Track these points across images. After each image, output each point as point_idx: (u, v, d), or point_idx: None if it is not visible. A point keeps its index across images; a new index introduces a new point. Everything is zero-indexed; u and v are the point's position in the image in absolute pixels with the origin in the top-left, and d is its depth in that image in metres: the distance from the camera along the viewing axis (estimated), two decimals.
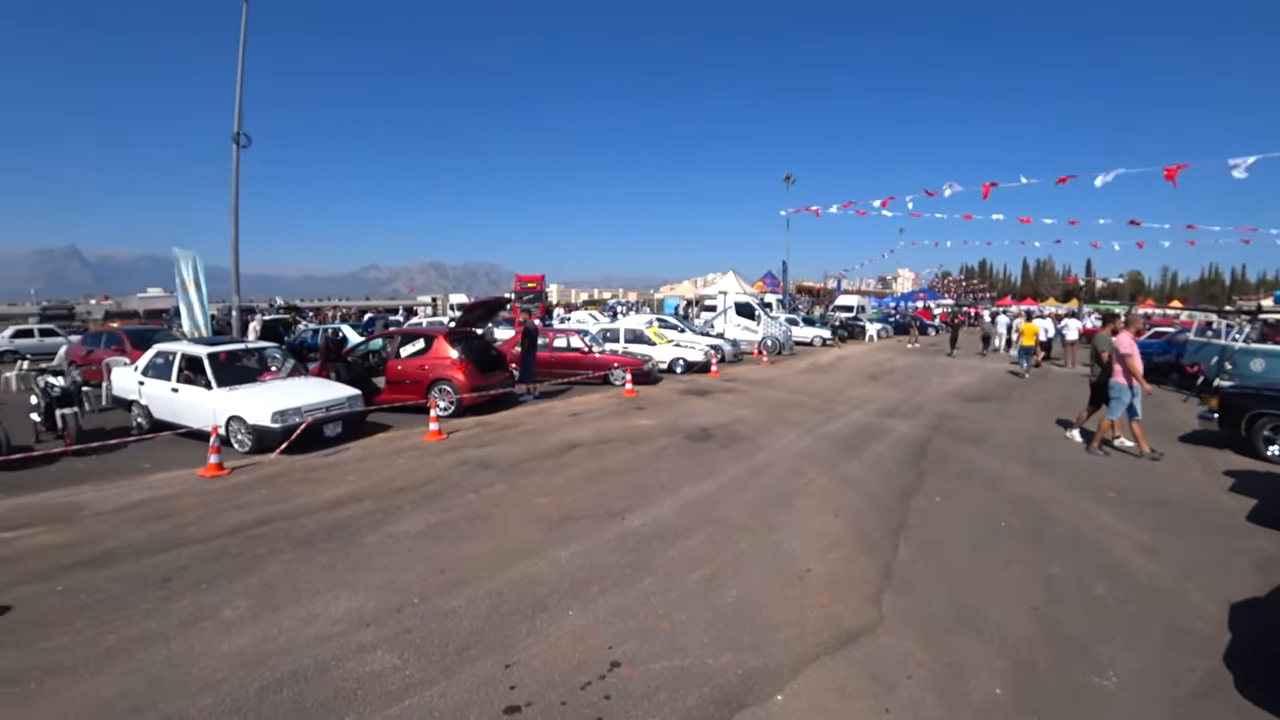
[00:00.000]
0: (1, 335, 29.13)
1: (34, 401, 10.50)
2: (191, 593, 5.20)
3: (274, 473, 8.70)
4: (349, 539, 6.32)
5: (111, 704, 3.86)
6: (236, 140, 19.08)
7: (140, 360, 11.62)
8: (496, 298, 20.92)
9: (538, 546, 6.12)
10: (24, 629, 4.69)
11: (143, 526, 6.56)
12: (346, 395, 10.79)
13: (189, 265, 18.02)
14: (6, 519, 6.88)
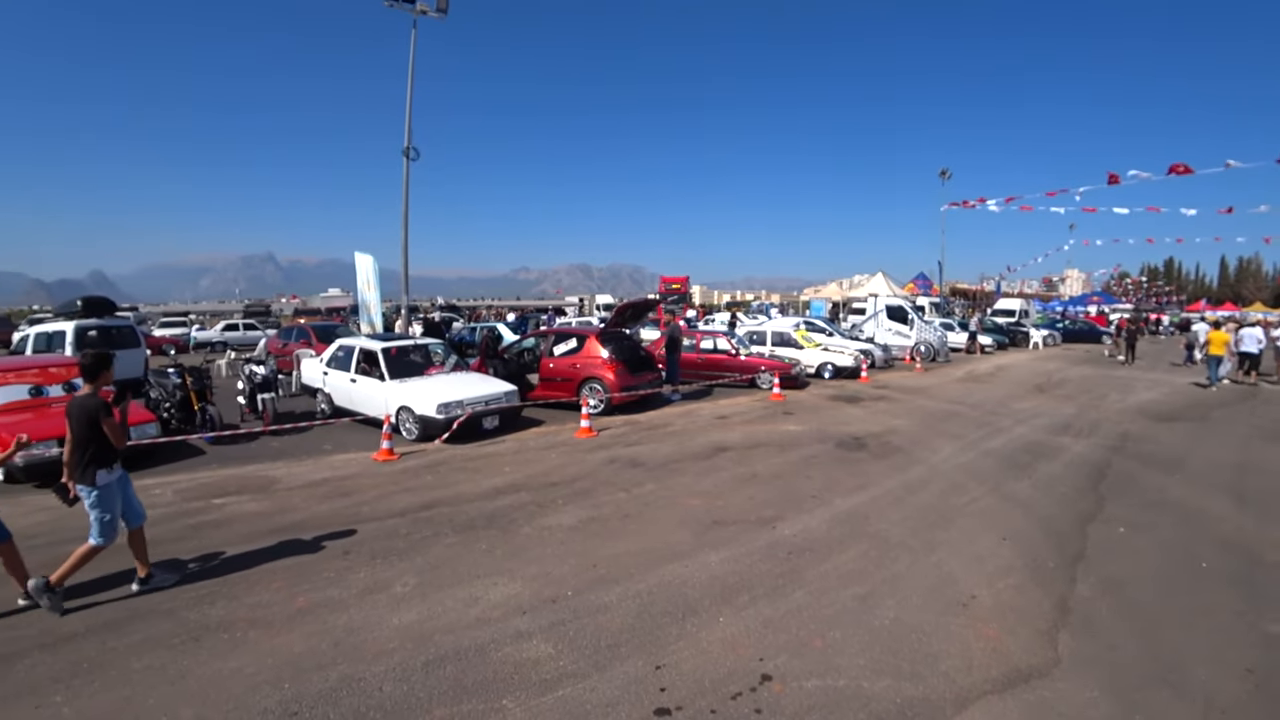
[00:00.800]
0: (214, 329, 34.02)
1: (240, 386, 12.04)
2: (367, 566, 5.70)
3: (437, 460, 9.35)
4: (506, 528, 6.65)
5: (301, 659, 4.30)
6: (406, 154, 20.89)
7: (324, 353, 12.98)
8: (646, 299, 21.31)
9: (687, 549, 6.11)
10: (232, 584, 5.38)
11: (326, 502, 7.29)
12: (504, 390, 11.40)
13: (367, 268, 19.90)
14: (219, 487, 7.93)
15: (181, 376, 10.81)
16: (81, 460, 5.01)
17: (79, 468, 5.01)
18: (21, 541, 6.49)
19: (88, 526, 5.13)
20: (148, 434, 9.16)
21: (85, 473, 5.02)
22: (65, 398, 9.48)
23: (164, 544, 6.11)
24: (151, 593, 5.27)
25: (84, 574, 5.30)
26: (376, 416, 10.72)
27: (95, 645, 4.51)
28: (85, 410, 4.96)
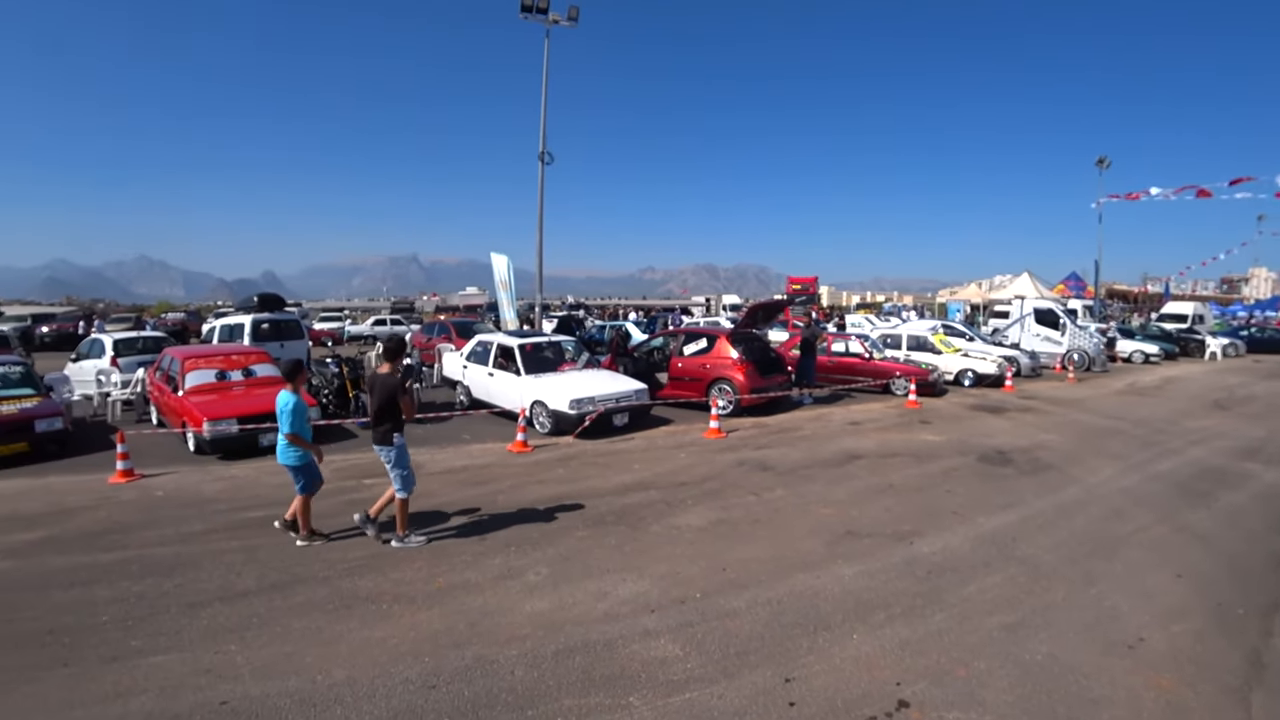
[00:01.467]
0: (364, 323, 37.11)
1: None
2: (502, 553, 5.97)
3: (569, 454, 9.65)
4: (636, 525, 6.74)
5: (439, 636, 4.56)
6: (542, 159, 21.77)
7: (464, 348, 13.76)
8: (777, 299, 20.94)
9: (819, 559, 5.93)
10: (380, 560, 5.82)
11: (464, 489, 7.73)
12: (634, 388, 11.59)
13: (503, 268, 20.91)
14: (369, 469, 8.62)
15: (339, 366, 11.83)
16: (383, 427, 6.01)
17: (383, 433, 6.01)
18: (204, 504, 7.37)
19: (267, 492, 5.71)
20: (310, 417, 10.08)
21: (386, 436, 6.02)
22: (245, 381, 10.69)
23: (322, 518, 6.70)
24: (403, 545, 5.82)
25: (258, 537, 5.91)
26: (512, 409, 11.21)
27: (264, 603, 5.03)
28: (387, 386, 6.00)
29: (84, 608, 5.02)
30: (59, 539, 6.45)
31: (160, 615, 4.88)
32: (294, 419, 5.98)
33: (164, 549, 6.10)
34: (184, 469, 8.93)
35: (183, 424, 9.83)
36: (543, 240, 22.63)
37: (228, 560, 5.81)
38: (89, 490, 8.03)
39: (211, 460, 9.36)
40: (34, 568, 5.79)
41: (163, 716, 3.74)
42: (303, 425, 6.14)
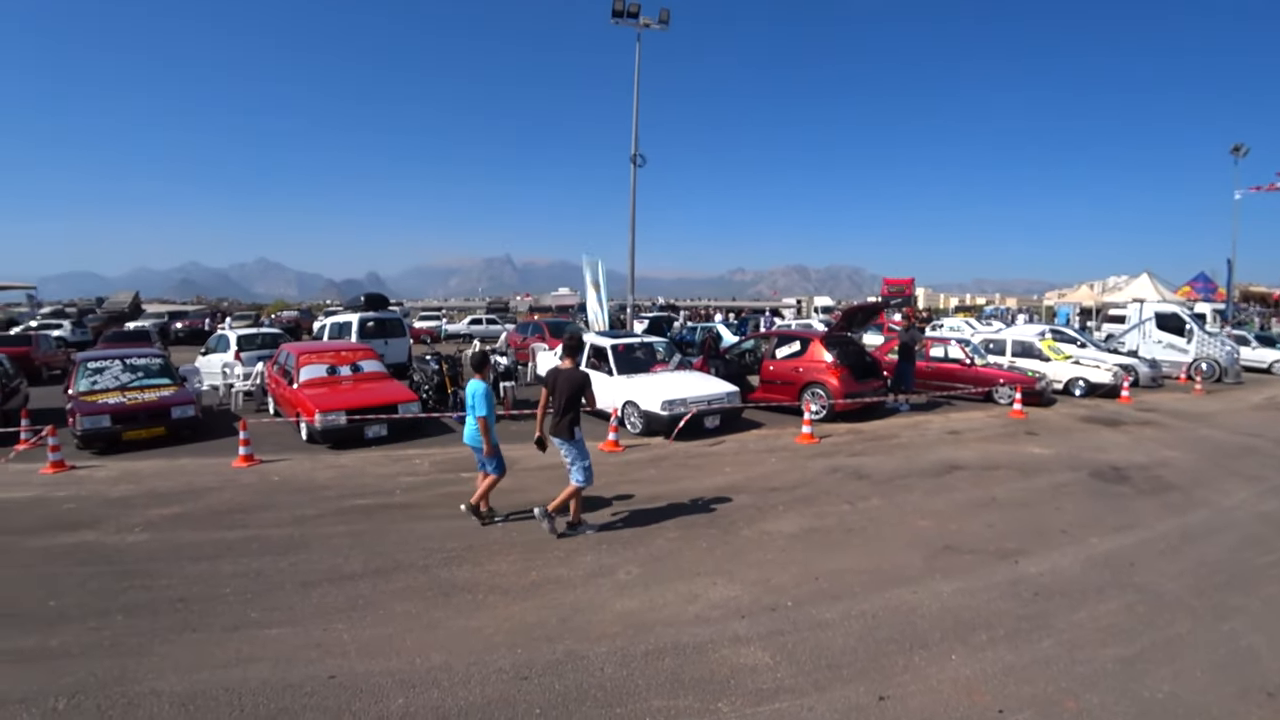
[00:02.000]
0: (461, 322, 38.59)
1: None
2: (594, 550, 6.07)
3: (660, 455, 9.70)
4: (727, 528, 6.70)
5: (533, 629, 4.68)
6: (634, 161, 21.98)
7: (557, 347, 14.04)
8: (874, 302, 20.30)
9: (916, 573, 5.71)
10: (476, 551, 6.04)
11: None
12: (726, 391, 11.52)
13: (594, 269, 21.24)
14: (468, 463, 8.89)
15: (439, 363, 12.36)
16: (566, 420, 6.36)
17: (565, 427, 6.37)
18: (316, 490, 7.85)
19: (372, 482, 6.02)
20: (412, 411, 10.64)
21: (568, 430, 6.36)
22: (353, 376, 11.38)
23: (420, 508, 7.03)
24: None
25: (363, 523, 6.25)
26: (604, 409, 11.38)
27: (369, 586, 5.32)
28: (573, 381, 6.38)
29: (210, 580, 5.48)
30: (189, 516, 7.08)
31: (276, 591, 5.25)
32: (487, 404, 6.46)
33: (280, 530, 6.57)
34: (297, 456, 9.59)
35: (296, 415, 10.57)
36: (635, 242, 22.87)
37: (336, 544, 6.19)
38: (215, 472, 8.77)
39: (321, 449, 10.00)
40: (168, 540, 6.38)
41: (277, 685, 4.01)
42: (491, 412, 6.56)
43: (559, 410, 6.40)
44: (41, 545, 6.39)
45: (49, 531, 6.75)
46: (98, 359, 11.80)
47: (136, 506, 7.45)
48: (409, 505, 7.27)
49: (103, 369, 11.47)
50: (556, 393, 6.43)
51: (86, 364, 11.58)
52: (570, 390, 6.36)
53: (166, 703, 3.90)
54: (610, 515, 7.05)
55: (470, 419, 6.55)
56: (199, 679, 4.11)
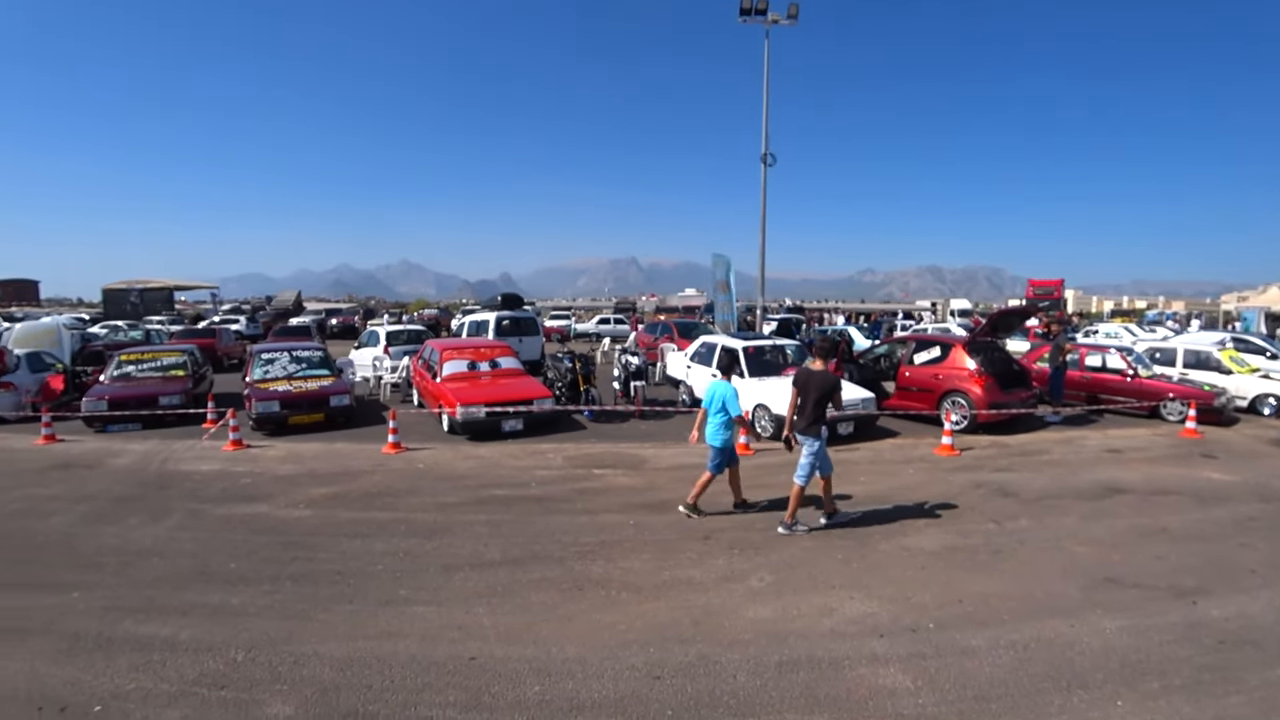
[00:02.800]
0: (590, 321, 39.58)
1: (615, 373, 13.74)
2: (726, 554, 6.02)
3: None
4: (863, 541, 6.45)
5: (665, 629, 4.70)
6: (764, 160, 21.65)
7: (688, 348, 14.11)
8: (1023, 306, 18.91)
9: (1074, 605, 5.21)
10: (609, 547, 6.15)
11: (689, 486, 7.87)
12: (861, 397, 11.11)
13: (724, 268, 21.09)
14: (598, 459, 9.18)
15: (572, 361, 12.74)
16: (812, 420, 6.55)
17: (811, 425, 6.56)
18: (457, 478, 8.27)
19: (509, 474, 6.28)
20: (546, 406, 11.05)
21: (813, 429, 6.55)
22: (492, 372, 11.99)
23: (555, 501, 7.26)
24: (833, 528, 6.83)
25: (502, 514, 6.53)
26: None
27: (507, 574, 5.56)
28: (825, 384, 6.58)
29: (364, 557, 5.93)
30: (345, 496, 7.71)
31: (422, 572, 5.60)
32: (739, 405, 6.82)
33: (425, 515, 7.01)
34: (439, 446, 10.19)
35: (439, 406, 11.25)
36: (765, 242, 22.56)
37: (476, 531, 6.52)
38: (367, 457, 9.50)
39: (461, 440, 10.57)
40: (327, 518, 6.98)
41: (424, 660, 4.27)
42: (739, 411, 6.90)
43: (808, 410, 6.56)
44: (224, 514, 7.21)
45: (230, 502, 7.60)
46: (269, 351, 13.14)
47: (300, 484, 8.22)
48: (544, 498, 7.53)
49: (273, 360, 12.76)
50: (807, 393, 6.59)
51: (260, 355, 12.95)
52: (821, 392, 6.54)
53: (327, 665, 4.25)
54: (741, 519, 6.97)
55: (714, 419, 6.88)
56: (354, 647, 4.45)
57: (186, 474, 8.94)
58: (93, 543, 6.54)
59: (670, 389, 14.67)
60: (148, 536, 6.65)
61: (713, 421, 6.94)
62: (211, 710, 3.86)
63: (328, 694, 3.97)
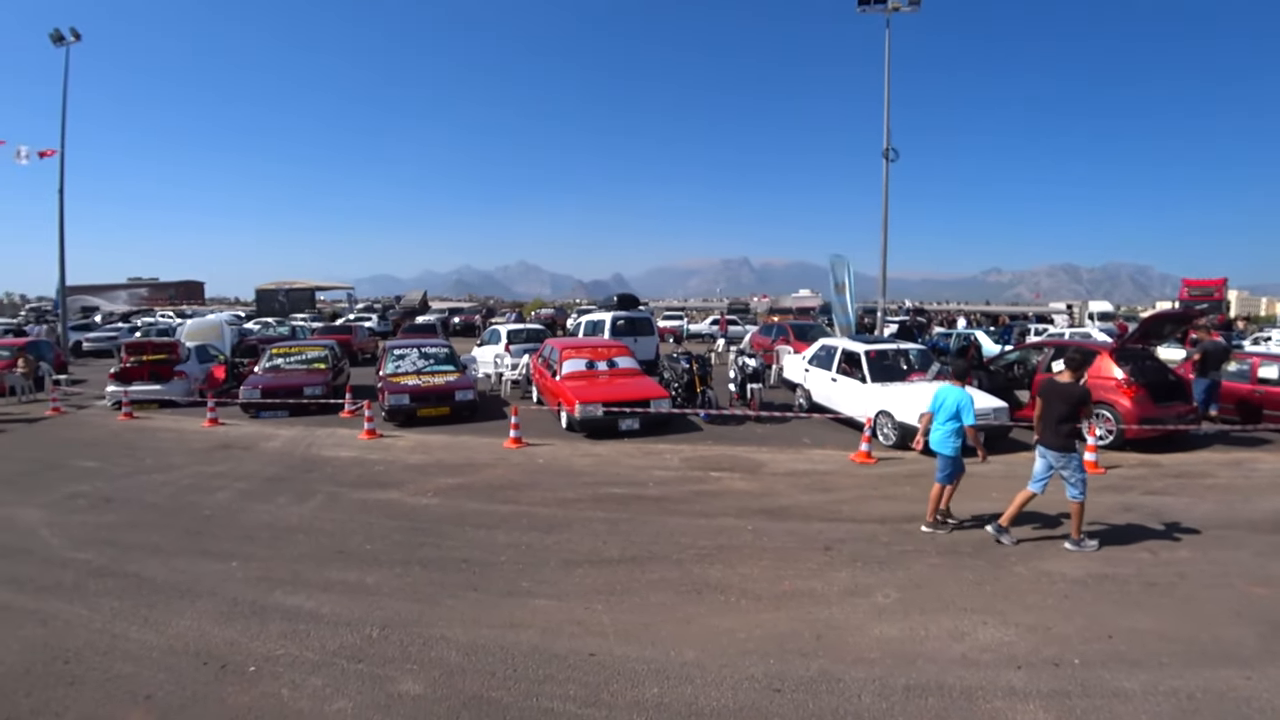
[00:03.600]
0: (703, 322, 39.43)
1: (731, 375, 13.62)
2: (848, 566, 5.78)
3: (916, 471, 9.03)
4: (997, 562, 6.02)
5: (785, 640, 4.56)
6: (886, 156, 20.75)
7: (807, 351, 13.78)
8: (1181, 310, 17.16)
9: (1250, 654, 4.59)
10: (727, 552, 6.07)
11: (807, 493, 7.71)
12: (992, 406, 10.44)
13: (841, 269, 20.39)
14: (714, 462, 9.11)
15: (689, 362, 12.72)
16: (1063, 432, 6.41)
17: (1060, 438, 6.39)
18: (575, 475, 8.40)
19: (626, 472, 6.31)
20: (663, 407, 11.11)
21: (1068, 443, 6.43)
22: (609, 372, 12.20)
23: (672, 502, 7.26)
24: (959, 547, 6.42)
25: (620, 512, 6.57)
26: (853, 417, 10.91)
27: (625, 573, 5.59)
28: (1073, 395, 6.41)
29: (487, 547, 6.16)
30: (470, 487, 8.06)
31: (543, 566, 5.73)
32: (974, 413, 6.77)
33: (545, 509, 7.20)
34: (557, 442, 10.47)
35: (558, 404, 11.56)
36: (887, 241, 21.66)
37: (595, 528, 6.61)
38: (489, 451, 9.90)
39: (579, 437, 10.81)
40: (453, 507, 7.32)
41: (545, 653, 4.35)
42: (974, 420, 6.82)
43: (1054, 422, 6.39)
44: (360, 498, 7.71)
45: (365, 487, 8.12)
46: (400, 347, 14.05)
47: (429, 474, 8.67)
48: (661, 499, 7.54)
49: (404, 355, 13.64)
50: (1050, 404, 6.45)
51: (392, 351, 13.87)
52: (1069, 403, 6.37)
53: (453, 649, 4.43)
54: (863, 531, 6.68)
55: (944, 426, 6.80)
56: (479, 634, 4.60)
57: (327, 459, 9.64)
58: (249, 518, 7.18)
59: (786, 392, 14.36)
60: (294, 515, 7.22)
61: (943, 428, 6.81)
62: (349, 681, 4.11)
63: (454, 677, 4.13)
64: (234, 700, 3.95)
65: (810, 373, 12.93)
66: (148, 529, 6.92)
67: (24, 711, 3.91)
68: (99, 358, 26.49)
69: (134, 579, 5.66)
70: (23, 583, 5.67)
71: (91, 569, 5.91)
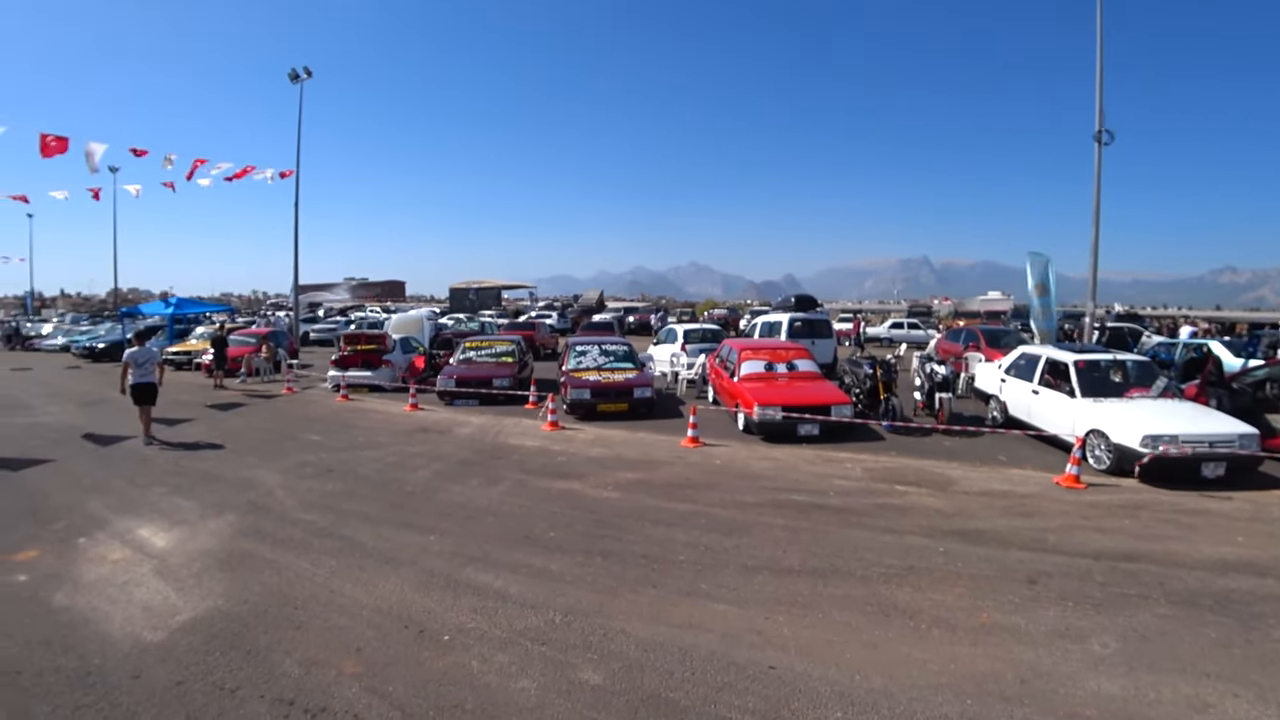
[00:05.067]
0: (881, 326, 37.59)
1: (917, 383, 12.78)
2: (1057, 605, 5.15)
3: (1135, 502, 7.94)
4: (1247, 621, 5.07)
5: (984, 680, 4.13)
6: (1098, 139, 18.33)
7: (1003, 359, 12.60)
8: None
9: None
10: (917, 574, 5.63)
11: (1005, 517, 7.01)
12: (1236, 432, 8.93)
13: (1041, 268, 18.37)
14: (899, 474, 8.57)
15: (873, 368, 12.08)
16: None
17: None
18: (753, 478, 8.24)
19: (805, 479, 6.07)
20: (844, 414, 10.68)
21: None
22: (789, 374, 12.01)
23: (856, 514, 6.92)
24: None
25: (800, 520, 6.35)
26: (1057, 435, 9.83)
27: (807, 585, 5.37)
28: None
29: (665, 544, 6.19)
30: (649, 483, 8.19)
31: (722, 569, 5.66)
32: None
33: (724, 511, 7.12)
34: (734, 444, 10.38)
35: (735, 405, 11.48)
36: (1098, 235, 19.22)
37: (774, 535, 6.43)
38: (667, 448, 10.01)
39: (756, 440, 10.65)
40: (633, 502, 7.46)
41: (724, 659, 4.27)
42: None
43: None
44: (545, 486, 8.08)
45: (549, 476, 8.51)
46: (582, 344, 14.72)
47: (609, 467, 8.93)
48: (844, 510, 7.20)
49: (585, 352, 14.24)
50: None
51: (575, 347, 14.57)
52: None
53: (632, 644, 4.47)
54: (1073, 565, 5.93)
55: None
56: (657, 631, 4.62)
57: (514, 447, 10.22)
58: (444, 496, 7.77)
59: (976, 403, 13.24)
60: (484, 497, 7.70)
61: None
62: (533, 662, 4.28)
63: (633, 672, 4.16)
64: (430, 665, 4.27)
65: (1007, 383, 11.80)
66: (360, 499, 7.73)
67: (262, 646, 4.52)
68: (322, 346, 30.44)
69: (349, 542, 6.35)
70: (264, 535, 6.61)
71: (315, 529, 6.74)
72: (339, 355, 17.68)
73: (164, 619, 4.92)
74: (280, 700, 3.93)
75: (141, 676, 4.19)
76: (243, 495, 7.92)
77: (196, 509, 7.44)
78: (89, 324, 37.29)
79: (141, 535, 6.67)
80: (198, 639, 4.62)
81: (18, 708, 3.92)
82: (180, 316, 27.64)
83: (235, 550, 6.20)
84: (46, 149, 13.97)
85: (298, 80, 26.37)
